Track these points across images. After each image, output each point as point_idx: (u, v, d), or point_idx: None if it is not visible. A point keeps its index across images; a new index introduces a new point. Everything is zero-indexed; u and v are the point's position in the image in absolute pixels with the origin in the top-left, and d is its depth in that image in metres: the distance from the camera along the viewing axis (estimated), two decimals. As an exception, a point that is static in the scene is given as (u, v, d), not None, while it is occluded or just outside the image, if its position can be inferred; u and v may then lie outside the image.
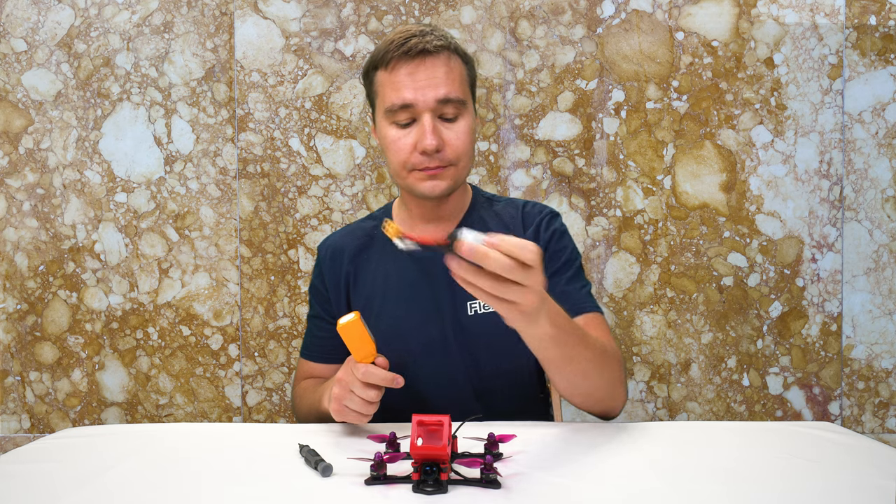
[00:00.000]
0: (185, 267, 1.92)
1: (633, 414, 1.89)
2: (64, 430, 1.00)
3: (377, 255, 1.17)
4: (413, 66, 1.03)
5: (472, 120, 1.09)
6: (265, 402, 1.93)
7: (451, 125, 1.05)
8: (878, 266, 1.87)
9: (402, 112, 1.04)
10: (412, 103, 1.03)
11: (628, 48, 1.87)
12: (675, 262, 1.88)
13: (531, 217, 1.15)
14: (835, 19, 1.85)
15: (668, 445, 0.88)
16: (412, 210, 1.15)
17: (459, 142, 1.05)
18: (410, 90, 1.03)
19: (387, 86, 1.05)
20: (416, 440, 0.72)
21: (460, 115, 1.06)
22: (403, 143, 1.05)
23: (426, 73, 1.03)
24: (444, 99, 1.03)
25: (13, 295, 1.92)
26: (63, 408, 1.94)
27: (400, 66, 1.03)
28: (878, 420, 1.89)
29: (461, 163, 1.07)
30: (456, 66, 1.06)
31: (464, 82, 1.07)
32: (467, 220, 1.16)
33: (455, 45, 1.07)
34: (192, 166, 1.91)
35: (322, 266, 1.19)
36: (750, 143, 1.86)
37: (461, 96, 1.05)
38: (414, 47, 1.02)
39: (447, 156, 1.05)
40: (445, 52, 1.05)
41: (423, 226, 1.15)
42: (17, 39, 1.90)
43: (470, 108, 1.08)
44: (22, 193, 1.91)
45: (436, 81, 1.03)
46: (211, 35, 1.89)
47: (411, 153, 1.05)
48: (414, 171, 1.06)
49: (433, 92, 1.03)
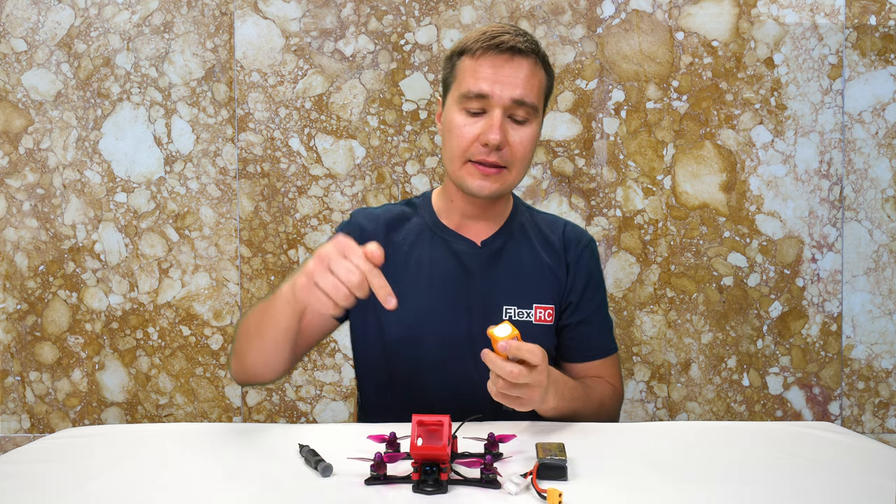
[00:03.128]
0: (185, 267, 1.92)
1: (633, 414, 1.89)
2: (64, 430, 1.00)
3: (413, 238, 1.14)
4: (500, 61, 1.03)
5: (539, 131, 1.09)
6: (265, 402, 1.93)
7: (518, 128, 1.05)
8: (878, 266, 1.87)
9: (476, 101, 1.04)
10: (489, 95, 1.03)
11: (628, 48, 1.87)
12: (675, 262, 1.88)
13: (572, 241, 1.16)
14: (835, 19, 1.85)
15: (668, 445, 0.88)
16: (454, 202, 1.13)
17: (522, 146, 1.05)
18: (490, 82, 1.03)
19: (468, 72, 1.05)
20: (416, 440, 0.72)
21: (529, 121, 1.06)
22: (468, 130, 1.05)
23: (510, 71, 1.03)
24: (519, 100, 1.03)
25: (13, 295, 1.92)
26: (63, 408, 1.94)
27: (487, 57, 1.04)
28: (878, 420, 1.89)
29: (515, 168, 1.07)
30: (539, 73, 1.06)
31: (541, 92, 1.07)
32: (509, 225, 1.14)
33: (544, 55, 1.08)
34: (192, 166, 1.91)
35: (353, 227, 1.14)
36: (750, 143, 1.87)
37: (535, 103, 1.05)
38: (505, 43, 1.03)
39: (506, 156, 1.05)
40: (534, 56, 1.05)
41: (462, 221, 1.13)
42: (17, 39, 1.90)
43: (539, 119, 1.08)
44: (22, 193, 1.92)
45: (517, 81, 1.03)
46: (211, 35, 1.89)
47: (472, 143, 1.04)
48: (468, 164, 1.06)
49: (511, 90, 1.03)
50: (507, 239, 1.13)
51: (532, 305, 1.10)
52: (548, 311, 1.11)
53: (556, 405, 0.95)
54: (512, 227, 1.14)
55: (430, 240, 1.12)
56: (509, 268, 1.11)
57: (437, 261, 1.12)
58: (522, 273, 1.12)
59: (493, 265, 1.11)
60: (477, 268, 1.11)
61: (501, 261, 1.11)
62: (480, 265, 1.11)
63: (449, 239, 1.12)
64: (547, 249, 1.14)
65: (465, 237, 1.13)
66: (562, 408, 0.97)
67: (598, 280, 1.17)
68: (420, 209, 1.16)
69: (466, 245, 1.12)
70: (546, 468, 0.75)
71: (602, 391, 1.11)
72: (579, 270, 1.13)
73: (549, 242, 1.15)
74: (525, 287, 1.11)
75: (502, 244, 1.13)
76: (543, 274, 1.12)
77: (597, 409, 1.06)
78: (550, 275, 1.12)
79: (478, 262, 1.11)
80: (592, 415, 1.05)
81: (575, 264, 1.14)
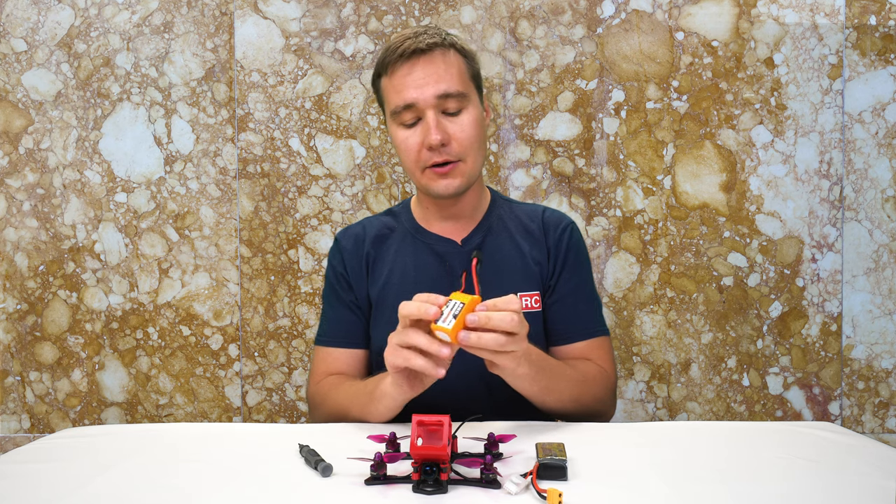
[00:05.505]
0: (185, 267, 1.92)
1: (633, 414, 1.89)
2: (64, 430, 1.00)
3: (396, 246, 1.17)
4: (409, 67, 1.05)
5: (479, 112, 1.09)
6: (265, 402, 1.93)
7: (454, 119, 1.06)
8: (878, 266, 1.87)
9: (407, 112, 1.06)
10: (413, 102, 1.05)
11: (628, 48, 1.87)
12: (675, 262, 1.88)
13: (551, 225, 1.17)
14: (835, 19, 1.85)
15: (668, 445, 0.88)
16: (429, 209, 1.16)
17: (465, 134, 1.06)
18: (410, 90, 1.04)
19: (389, 90, 1.08)
20: (416, 440, 0.72)
21: (463, 108, 1.07)
22: (411, 142, 1.07)
23: (423, 72, 1.04)
24: (443, 94, 1.04)
25: (13, 295, 1.92)
26: (63, 408, 1.94)
27: (398, 69, 1.06)
28: (878, 420, 1.89)
29: (469, 157, 1.08)
30: (453, 60, 1.07)
31: (463, 75, 1.08)
32: (487, 220, 1.17)
33: (451, 40, 1.08)
34: (192, 166, 1.91)
35: (343, 253, 1.19)
36: (750, 143, 1.86)
37: (461, 89, 1.06)
38: (407, 49, 1.05)
39: (454, 149, 1.06)
40: (439, 48, 1.06)
41: (441, 224, 1.15)
42: (17, 39, 1.90)
43: (474, 101, 1.09)
44: (22, 193, 1.91)
45: (433, 78, 1.04)
46: (211, 35, 1.89)
47: (420, 151, 1.06)
48: (426, 171, 1.08)
49: (432, 88, 1.04)
50: (485, 234, 1.16)
51: (517, 295, 1.11)
52: (533, 297, 1.13)
53: (529, 372, 0.93)
54: (490, 222, 1.17)
55: (412, 245, 1.15)
56: (490, 262, 1.13)
57: (421, 264, 1.14)
58: (504, 265, 1.14)
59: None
60: (460, 266, 1.12)
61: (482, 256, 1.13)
62: (463, 263, 1.13)
63: (430, 242, 1.15)
64: (527, 238, 1.16)
65: (445, 238, 1.15)
66: (535, 377, 0.94)
67: (578, 261, 1.16)
68: (400, 217, 1.20)
69: (448, 245, 1.15)
70: (546, 468, 0.75)
71: (585, 369, 1.09)
72: (558, 253, 1.15)
73: (528, 231, 1.16)
74: (507, 278, 1.13)
75: (481, 239, 1.15)
76: (524, 263, 1.14)
77: (580, 387, 1.03)
78: (532, 262, 1.14)
79: (460, 260, 1.13)
80: (577, 394, 1.02)
81: (554, 247, 1.15)
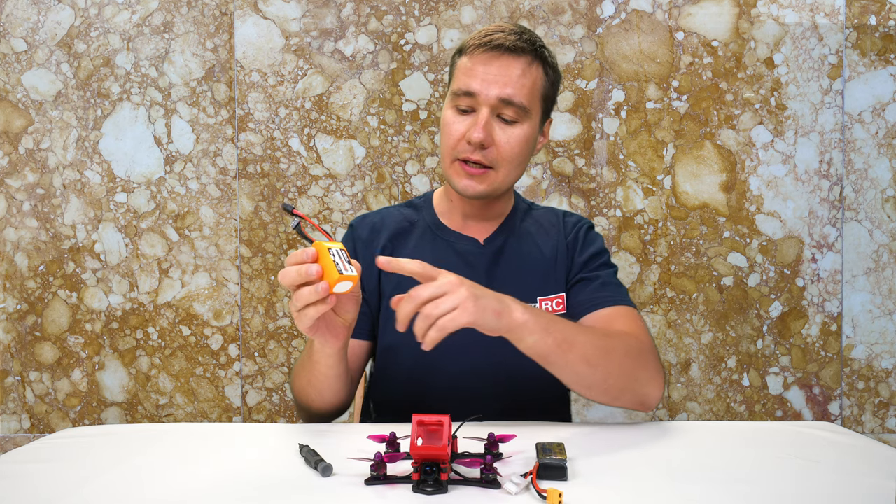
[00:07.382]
0: (185, 267, 1.92)
1: (633, 414, 1.89)
2: (64, 430, 1.00)
3: (415, 242, 1.14)
4: (488, 58, 1.02)
5: (533, 132, 1.06)
6: (265, 402, 1.93)
7: (507, 127, 1.03)
8: (878, 266, 1.87)
9: (465, 98, 1.03)
10: (475, 93, 1.02)
11: (628, 48, 1.87)
12: (675, 262, 1.88)
13: (570, 227, 1.16)
14: (835, 19, 1.85)
15: (667, 445, 0.88)
16: (454, 203, 1.13)
17: (508, 146, 1.03)
18: (478, 80, 1.02)
19: (461, 70, 1.05)
20: (416, 440, 0.72)
21: (520, 121, 1.04)
22: (456, 127, 1.04)
23: (499, 70, 1.02)
24: (507, 99, 1.02)
25: (13, 295, 1.92)
26: (63, 408, 1.94)
27: (477, 55, 1.03)
28: (878, 420, 1.89)
29: (503, 169, 1.05)
30: (534, 73, 1.04)
31: (535, 91, 1.05)
32: (510, 221, 1.15)
33: (542, 54, 1.05)
34: (192, 166, 1.91)
35: (356, 242, 1.15)
36: (750, 143, 1.86)
37: (525, 103, 1.03)
38: (495, 41, 1.02)
39: (491, 155, 1.03)
40: (526, 55, 1.03)
41: (464, 221, 1.14)
42: (17, 39, 1.90)
43: (534, 120, 1.06)
44: (22, 193, 1.91)
45: (505, 80, 1.02)
46: (211, 35, 1.89)
47: (459, 140, 1.04)
48: (455, 163, 1.05)
49: (498, 89, 1.01)
50: (508, 236, 1.14)
51: (536, 299, 1.09)
52: (556, 300, 1.11)
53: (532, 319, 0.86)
54: (513, 224, 1.15)
55: (432, 241, 1.13)
56: (511, 264, 1.12)
57: (441, 262, 1.11)
58: (524, 268, 1.12)
59: (495, 263, 1.11)
60: (481, 266, 1.11)
61: (503, 258, 1.12)
62: (484, 264, 1.11)
63: (452, 240, 1.13)
64: (547, 240, 1.14)
65: (468, 236, 1.13)
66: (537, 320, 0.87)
67: (597, 252, 1.14)
68: (421, 210, 1.17)
69: (470, 244, 1.12)
70: (546, 468, 0.75)
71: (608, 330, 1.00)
72: (576, 244, 1.14)
73: (549, 234, 1.15)
74: (528, 281, 1.11)
75: (503, 241, 1.13)
76: (546, 265, 1.12)
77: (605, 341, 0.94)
78: (553, 264, 1.12)
79: (481, 260, 1.11)
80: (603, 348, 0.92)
81: (573, 241, 1.14)
